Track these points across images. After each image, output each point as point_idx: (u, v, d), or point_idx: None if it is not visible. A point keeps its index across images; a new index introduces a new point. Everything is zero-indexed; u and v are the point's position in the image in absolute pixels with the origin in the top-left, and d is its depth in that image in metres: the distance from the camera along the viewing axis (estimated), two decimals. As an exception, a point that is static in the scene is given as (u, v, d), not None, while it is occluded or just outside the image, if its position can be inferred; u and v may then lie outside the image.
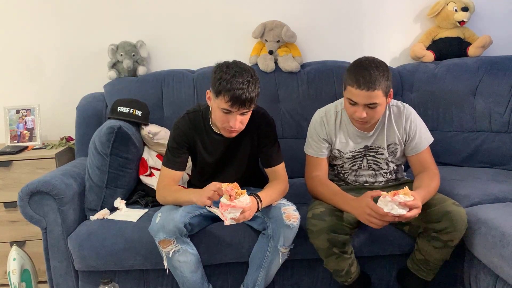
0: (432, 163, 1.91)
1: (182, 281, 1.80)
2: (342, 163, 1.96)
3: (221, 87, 1.64)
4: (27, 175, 2.28)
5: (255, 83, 1.66)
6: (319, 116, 1.95)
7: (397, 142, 1.90)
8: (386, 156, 1.93)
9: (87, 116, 2.40)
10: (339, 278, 1.85)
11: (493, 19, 2.63)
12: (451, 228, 1.71)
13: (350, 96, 1.74)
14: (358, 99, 1.71)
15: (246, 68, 1.68)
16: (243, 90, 1.62)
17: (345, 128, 1.91)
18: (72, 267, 1.95)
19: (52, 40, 2.62)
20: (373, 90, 1.68)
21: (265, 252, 1.78)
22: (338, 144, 1.92)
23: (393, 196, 1.62)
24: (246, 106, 1.66)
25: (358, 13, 2.64)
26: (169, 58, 2.64)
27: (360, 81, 1.68)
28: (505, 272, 1.61)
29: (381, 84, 1.70)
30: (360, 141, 1.91)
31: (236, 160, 1.90)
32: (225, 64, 1.69)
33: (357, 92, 1.70)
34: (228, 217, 1.59)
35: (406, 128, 1.88)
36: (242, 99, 1.63)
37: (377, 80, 1.68)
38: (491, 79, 2.37)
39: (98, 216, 1.99)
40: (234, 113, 1.68)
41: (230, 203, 1.57)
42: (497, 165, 2.33)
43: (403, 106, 1.91)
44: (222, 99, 1.65)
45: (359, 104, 1.73)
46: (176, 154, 1.84)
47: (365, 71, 1.69)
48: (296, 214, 1.76)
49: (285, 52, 2.53)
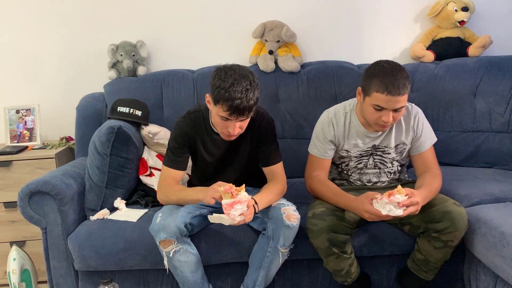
0: (434, 164, 1.92)
1: (182, 281, 1.81)
2: (349, 161, 1.96)
3: (219, 96, 1.62)
4: (27, 175, 2.28)
5: (254, 90, 1.64)
6: (328, 117, 1.93)
7: (405, 142, 1.91)
8: (393, 156, 1.93)
9: (87, 116, 2.40)
10: (339, 278, 1.85)
11: (493, 19, 2.63)
12: (451, 228, 1.71)
13: (377, 102, 1.72)
14: (388, 104, 1.71)
15: (245, 74, 1.65)
16: (241, 99, 1.60)
17: (354, 130, 1.91)
18: (72, 267, 1.95)
19: (52, 40, 2.62)
20: (402, 95, 1.70)
21: (265, 252, 1.78)
22: (346, 146, 1.92)
23: (389, 197, 1.62)
24: (245, 114, 1.66)
25: (358, 13, 2.64)
26: (169, 58, 2.64)
27: (389, 88, 1.68)
28: (505, 272, 1.61)
29: (407, 87, 1.72)
30: (368, 141, 1.92)
31: (236, 160, 1.90)
32: (224, 70, 1.66)
33: (387, 98, 1.70)
34: (237, 214, 1.58)
35: (414, 126, 1.90)
36: (240, 108, 1.62)
37: (404, 84, 1.70)
38: (491, 79, 2.37)
39: (98, 216, 1.99)
40: (233, 121, 1.68)
41: (235, 200, 1.57)
42: (497, 165, 2.33)
43: (411, 105, 1.92)
44: (220, 108, 1.64)
45: (387, 110, 1.73)
46: (177, 153, 1.84)
47: (392, 76, 1.70)
48: (296, 214, 1.76)
49: (285, 52, 2.53)
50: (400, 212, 1.62)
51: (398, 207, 1.64)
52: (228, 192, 1.59)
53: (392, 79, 1.69)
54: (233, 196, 1.58)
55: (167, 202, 1.84)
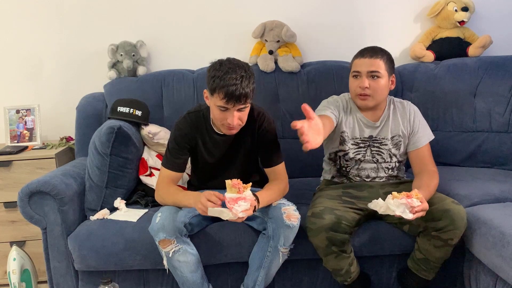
0: (431, 161, 1.94)
1: (182, 281, 1.80)
2: (348, 149, 1.97)
3: (215, 85, 1.65)
4: (27, 175, 2.28)
5: (249, 78, 1.67)
6: (331, 97, 2.03)
7: (400, 134, 1.96)
8: (389, 147, 1.96)
9: (87, 116, 2.40)
10: (339, 277, 1.85)
11: (493, 19, 2.63)
12: (451, 226, 1.71)
13: (354, 68, 1.91)
14: (361, 67, 1.87)
15: (240, 64, 1.69)
16: (237, 85, 1.63)
17: (353, 114, 1.98)
18: (72, 267, 1.95)
19: (52, 40, 2.62)
20: (375, 58, 1.86)
21: (265, 252, 1.78)
22: (345, 125, 1.96)
23: (408, 198, 1.61)
24: (242, 101, 1.66)
25: (358, 13, 2.64)
26: (169, 58, 2.64)
27: (363, 52, 1.89)
28: (505, 272, 1.61)
29: (384, 57, 1.88)
30: (367, 130, 1.96)
31: (236, 160, 1.90)
32: (219, 62, 1.70)
33: (360, 61, 1.88)
34: (239, 210, 1.58)
35: (410, 120, 1.96)
36: (236, 94, 1.63)
37: (380, 51, 1.89)
38: (491, 79, 2.37)
39: (98, 216, 1.99)
40: (231, 110, 1.68)
41: (240, 196, 1.57)
42: (497, 165, 2.33)
43: (407, 102, 2.02)
44: (217, 97, 1.66)
45: (362, 74, 1.87)
46: (176, 155, 1.84)
47: (368, 47, 1.92)
48: (296, 214, 1.76)
49: (285, 52, 2.53)
50: (411, 216, 1.62)
51: (411, 211, 1.62)
52: (236, 186, 1.58)
53: (368, 47, 1.89)
54: (239, 191, 1.58)
55: (163, 203, 1.85)
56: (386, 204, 1.64)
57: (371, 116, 1.96)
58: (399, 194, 1.63)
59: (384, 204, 1.65)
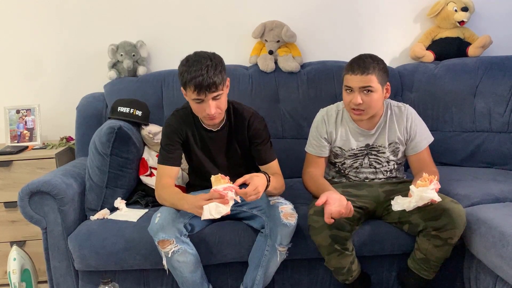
0: (431, 163, 1.94)
1: (182, 281, 1.81)
2: (344, 159, 1.98)
3: (185, 79, 1.71)
4: (27, 175, 2.28)
5: (215, 66, 1.70)
6: (321, 115, 2.00)
7: (397, 141, 1.93)
8: (387, 155, 1.95)
9: (87, 116, 2.41)
10: (340, 276, 1.85)
11: (493, 19, 2.62)
12: (450, 225, 1.72)
13: (346, 83, 1.85)
14: (353, 83, 1.81)
15: (205, 55, 1.73)
16: (203, 76, 1.67)
17: (346, 125, 1.95)
18: (72, 267, 1.95)
19: (52, 40, 2.62)
20: (367, 74, 1.79)
21: (263, 250, 1.78)
22: (339, 141, 1.95)
23: (430, 183, 1.65)
24: (213, 89, 1.70)
25: (358, 13, 2.64)
26: (169, 58, 2.63)
27: (354, 67, 1.82)
28: (505, 272, 1.61)
29: (375, 71, 1.81)
30: (362, 139, 1.94)
31: (230, 159, 1.93)
32: (186, 58, 1.76)
33: (352, 77, 1.82)
34: (233, 196, 1.62)
35: (407, 127, 1.93)
36: (205, 84, 1.67)
37: (371, 66, 1.81)
38: (491, 79, 2.37)
39: (98, 216, 1.99)
40: (206, 100, 1.72)
41: (225, 185, 1.61)
42: (497, 165, 2.33)
43: (404, 106, 1.97)
44: (189, 90, 1.72)
45: (354, 90, 1.82)
46: (169, 150, 1.87)
47: (359, 59, 1.84)
48: (294, 213, 1.77)
49: (285, 52, 2.53)
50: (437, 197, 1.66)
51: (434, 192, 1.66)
52: (223, 178, 1.63)
53: (358, 61, 1.83)
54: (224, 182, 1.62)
55: (163, 203, 1.86)
56: (417, 194, 1.65)
57: (365, 124, 1.93)
58: (421, 182, 1.66)
59: (410, 199, 1.67)
